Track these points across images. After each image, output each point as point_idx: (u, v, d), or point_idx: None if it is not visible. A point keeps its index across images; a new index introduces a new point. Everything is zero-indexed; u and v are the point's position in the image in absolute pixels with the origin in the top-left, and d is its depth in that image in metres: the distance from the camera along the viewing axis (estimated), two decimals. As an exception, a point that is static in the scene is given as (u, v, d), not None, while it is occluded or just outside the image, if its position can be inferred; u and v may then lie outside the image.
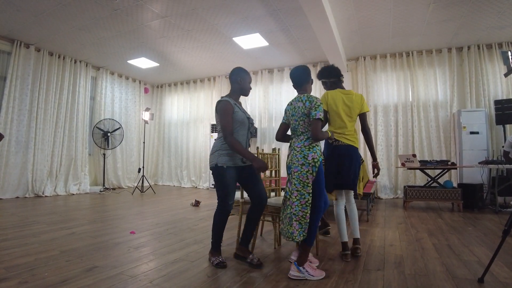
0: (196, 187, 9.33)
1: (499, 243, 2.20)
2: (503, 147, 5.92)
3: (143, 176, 8.01)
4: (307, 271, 2.33)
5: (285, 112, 2.69)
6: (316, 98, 2.48)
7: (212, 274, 2.40)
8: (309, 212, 2.37)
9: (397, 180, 7.17)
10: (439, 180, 5.95)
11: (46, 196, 6.91)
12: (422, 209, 5.61)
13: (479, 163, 5.39)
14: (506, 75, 4.02)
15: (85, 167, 7.97)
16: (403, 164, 5.72)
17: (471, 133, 6.33)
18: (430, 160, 5.78)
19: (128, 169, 9.33)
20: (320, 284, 2.22)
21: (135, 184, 8.68)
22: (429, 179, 5.93)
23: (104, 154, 8.45)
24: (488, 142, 6.33)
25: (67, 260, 2.66)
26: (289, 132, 2.72)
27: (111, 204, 6.03)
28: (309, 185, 2.38)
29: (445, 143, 6.94)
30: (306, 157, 2.39)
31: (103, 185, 8.29)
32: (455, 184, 6.21)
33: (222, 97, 2.69)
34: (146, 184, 8.36)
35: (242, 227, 2.82)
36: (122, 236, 3.56)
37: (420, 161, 5.75)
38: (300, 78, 2.63)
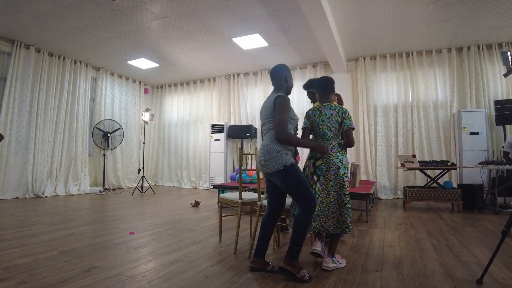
0: (196, 187, 9.33)
1: (497, 244, 2.19)
2: (503, 147, 5.91)
3: (143, 176, 8.01)
4: (338, 261, 2.61)
5: (308, 117, 2.77)
6: (346, 109, 2.71)
7: (210, 275, 2.40)
8: (345, 211, 2.56)
9: (397, 181, 7.17)
10: (439, 181, 5.94)
11: (46, 196, 6.92)
12: (422, 209, 5.60)
13: (479, 163, 5.38)
14: (505, 75, 4.01)
15: (85, 168, 7.98)
16: (402, 165, 5.71)
17: (471, 133, 6.32)
18: (430, 161, 5.77)
19: (128, 169, 9.34)
20: (318, 285, 2.22)
21: (135, 185, 8.68)
22: (429, 180, 5.92)
23: (104, 155, 8.45)
24: (488, 142, 6.32)
25: (66, 261, 2.66)
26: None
27: (111, 204, 6.03)
28: (346, 186, 2.60)
29: (445, 144, 6.93)
30: (342, 161, 2.62)
31: (103, 186, 8.30)
32: (455, 185, 6.20)
33: (278, 93, 2.51)
34: (146, 184, 8.37)
35: (239, 231, 2.80)
36: (121, 236, 3.56)
37: (420, 162, 5.74)
38: (328, 88, 2.77)
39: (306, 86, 3.44)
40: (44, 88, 7.15)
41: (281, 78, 2.60)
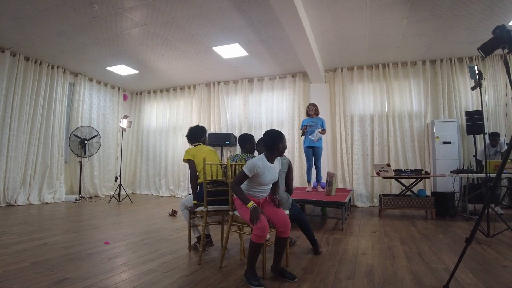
0: (175, 196, 9.24)
1: (462, 251, 2.28)
2: (474, 156, 6.14)
3: (120, 184, 7.89)
4: None
5: None
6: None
7: (184, 285, 2.40)
8: None
9: (373, 189, 7.32)
10: (413, 189, 6.09)
11: (18, 205, 6.71)
12: (396, 217, 5.73)
13: (451, 172, 5.57)
14: (473, 88, 4.23)
15: (60, 175, 7.80)
16: (378, 174, 5.84)
17: (444, 142, 6.55)
18: (404, 169, 5.93)
19: (105, 177, 9.18)
20: (291, 294, 2.25)
21: (112, 193, 8.53)
22: (403, 188, 6.07)
23: (80, 162, 8.29)
24: (460, 151, 6.57)
25: (37, 272, 2.60)
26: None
27: (87, 213, 5.91)
28: None
29: (420, 153, 7.14)
30: None
31: (79, 194, 8.11)
32: (428, 193, 6.37)
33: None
34: (123, 193, 8.23)
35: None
36: (95, 246, 3.50)
37: (394, 170, 5.88)
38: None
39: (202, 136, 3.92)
40: (19, 93, 6.98)
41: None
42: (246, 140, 3.48)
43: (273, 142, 2.64)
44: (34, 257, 3.02)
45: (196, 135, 3.80)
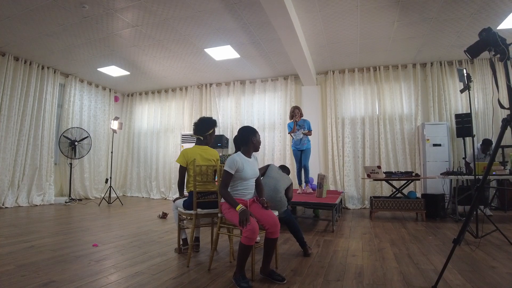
0: (166, 198, 9.16)
1: (449, 252, 2.30)
2: (463, 158, 6.20)
3: (110, 187, 7.81)
4: None
5: None
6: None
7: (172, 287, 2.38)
8: None
9: (364, 191, 7.35)
10: (404, 191, 6.13)
11: (6, 207, 6.60)
12: (387, 219, 5.75)
13: (441, 174, 5.62)
14: (462, 91, 4.27)
15: (50, 177, 7.69)
16: (368, 176, 5.87)
17: (434, 145, 6.61)
18: (395, 172, 5.97)
19: (95, 179, 9.08)
20: (280, 295, 2.24)
21: (103, 195, 8.45)
22: (394, 190, 6.10)
23: (70, 164, 8.19)
24: (449, 154, 6.63)
25: (23, 275, 2.56)
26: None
27: (76, 215, 5.84)
28: None
29: (410, 155, 7.20)
30: None
31: (69, 196, 8.01)
32: (419, 195, 6.42)
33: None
34: (113, 195, 8.15)
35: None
36: (84, 249, 3.45)
37: (385, 172, 5.92)
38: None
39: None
40: (7, 93, 6.88)
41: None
42: None
43: (246, 136, 2.78)
44: (20, 260, 2.97)
45: (200, 126, 3.46)
